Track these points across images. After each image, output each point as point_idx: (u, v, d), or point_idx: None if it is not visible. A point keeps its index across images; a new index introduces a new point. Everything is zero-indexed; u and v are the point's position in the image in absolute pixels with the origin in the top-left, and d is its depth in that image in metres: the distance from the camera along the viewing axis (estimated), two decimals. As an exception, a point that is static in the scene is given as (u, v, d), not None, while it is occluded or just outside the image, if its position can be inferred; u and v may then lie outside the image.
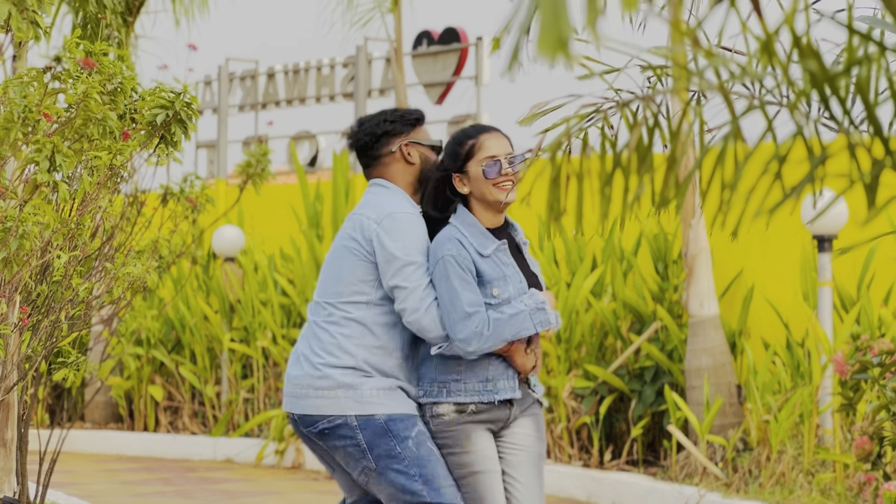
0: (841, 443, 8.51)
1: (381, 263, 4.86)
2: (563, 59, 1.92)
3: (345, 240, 4.97)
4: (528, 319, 4.87)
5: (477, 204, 4.96)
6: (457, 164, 4.95)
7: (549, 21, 1.90)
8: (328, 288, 4.97)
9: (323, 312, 4.96)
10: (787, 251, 10.06)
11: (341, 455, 4.92)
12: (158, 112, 5.52)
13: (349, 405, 4.86)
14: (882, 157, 2.37)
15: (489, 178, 4.90)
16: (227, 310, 12.41)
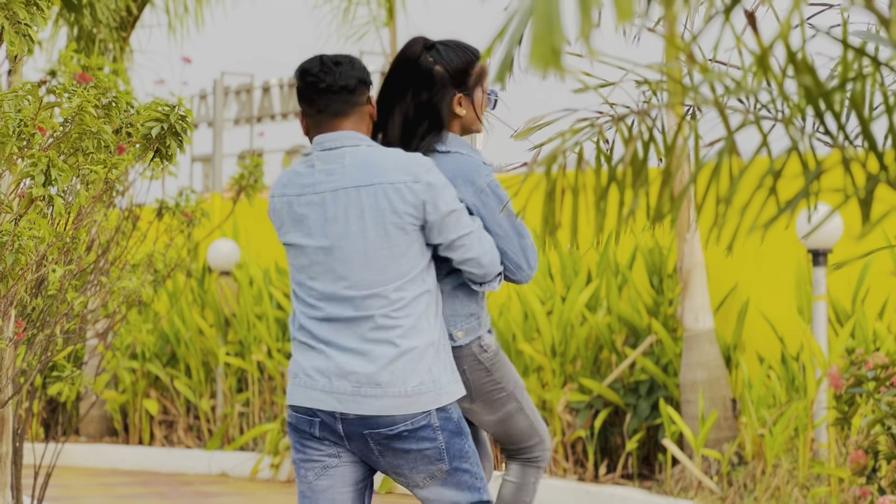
0: (836, 457, 8.51)
1: (436, 223, 4.35)
2: (555, 71, 1.92)
3: (384, 217, 4.35)
4: None
5: (456, 132, 4.59)
6: (466, 84, 4.55)
7: (541, 32, 1.90)
8: (385, 273, 4.37)
9: (379, 301, 4.36)
10: (781, 265, 10.06)
11: (409, 459, 4.41)
12: (153, 125, 5.52)
13: (430, 399, 4.36)
14: (877, 172, 2.38)
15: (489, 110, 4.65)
16: (223, 323, 12.41)
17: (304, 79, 4.48)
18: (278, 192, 4.52)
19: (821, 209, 8.23)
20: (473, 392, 4.60)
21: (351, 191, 4.38)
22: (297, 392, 4.46)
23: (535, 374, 10.34)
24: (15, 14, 4.37)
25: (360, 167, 4.39)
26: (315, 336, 4.44)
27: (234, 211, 11.46)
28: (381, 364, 4.34)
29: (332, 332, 4.40)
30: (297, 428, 4.48)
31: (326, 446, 4.44)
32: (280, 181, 4.54)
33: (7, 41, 4.33)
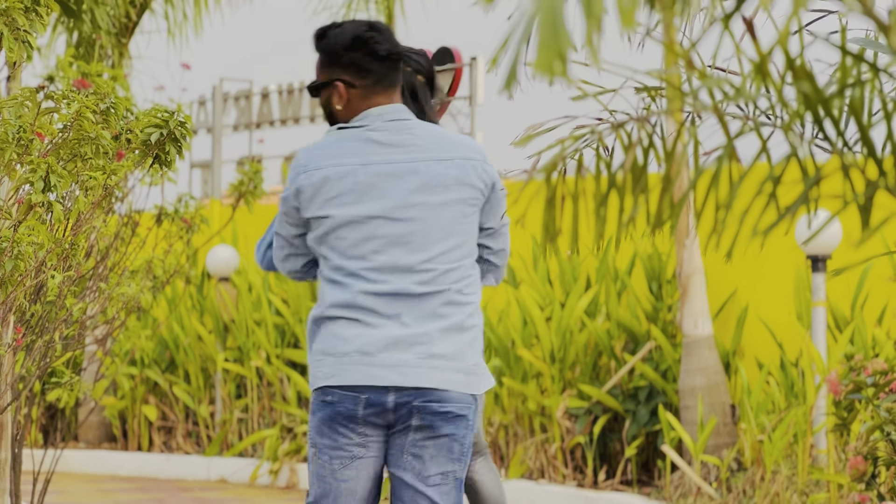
0: (835, 463, 8.51)
1: (495, 206, 4.35)
2: (561, 77, 1.92)
3: (464, 192, 4.29)
4: None
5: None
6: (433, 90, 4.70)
7: (547, 38, 1.91)
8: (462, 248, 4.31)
9: (454, 276, 4.30)
10: (781, 271, 10.06)
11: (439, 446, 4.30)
12: (152, 131, 5.52)
13: (477, 383, 4.33)
14: (876, 178, 2.38)
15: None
16: (222, 330, 12.41)
17: (359, 46, 4.32)
18: (328, 162, 4.30)
19: (820, 215, 8.23)
20: None
21: (432, 163, 4.29)
22: (348, 370, 4.26)
23: (534, 380, 10.34)
24: (14, 20, 4.37)
25: (435, 140, 4.33)
26: (373, 311, 4.26)
27: (233, 217, 11.46)
28: (450, 339, 4.26)
29: (397, 306, 4.26)
30: (335, 410, 4.27)
31: (358, 435, 4.28)
32: (319, 154, 4.33)
33: (6, 48, 4.33)
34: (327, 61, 4.39)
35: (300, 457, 11.35)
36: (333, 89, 4.38)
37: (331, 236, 4.30)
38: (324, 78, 4.41)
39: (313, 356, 4.33)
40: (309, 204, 4.30)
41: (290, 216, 4.37)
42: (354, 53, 4.33)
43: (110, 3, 9.36)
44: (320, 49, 4.44)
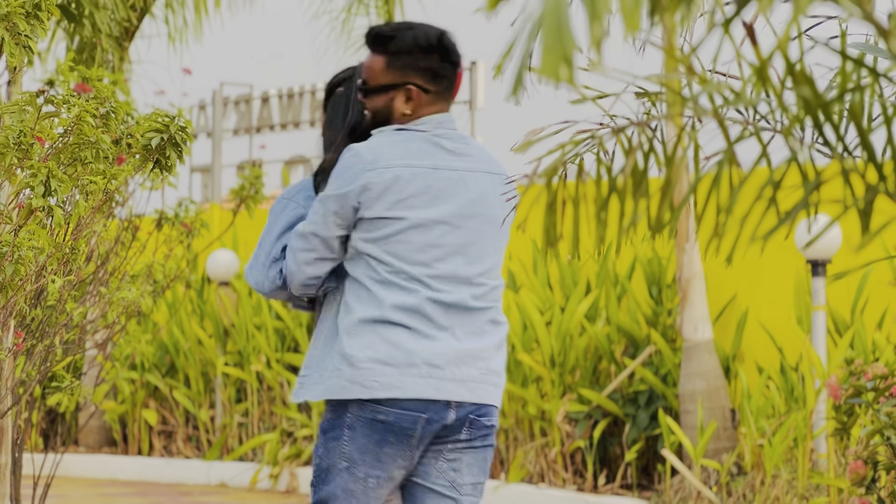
0: (835, 467, 8.51)
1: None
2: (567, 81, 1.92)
3: (501, 208, 4.23)
4: None
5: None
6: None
7: (552, 42, 1.91)
8: (500, 266, 4.27)
9: (497, 293, 4.26)
10: (781, 275, 10.07)
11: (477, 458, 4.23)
12: (153, 135, 5.53)
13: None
14: (876, 183, 2.39)
15: None
16: (222, 334, 12.41)
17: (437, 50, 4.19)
18: (398, 162, 4.12)
19: (820, 219, 8.24)
20: None
21: (485, 175, 4.21)
22: (417, 383, 4.08)
23: (534, 385, 10.35)
24: (15, 25, 4.37)
25: (484, 153, 4.27)
26: (432, 321, 4.11)
27: (233, 222, 11.46)
28: (500, 356, 4.22)
29: (454, 318, 4.14)
30: (388, 429, 4.08)
31: (406, 458, 4.12)
32: (386, 152, 4.13)
33: (7, 53, 4.34)
34: (400, 63, 4.18)
35: (300, 461, 11.35)
36: (403, 92, 4.19)
37: (394, 239, 4.12)
38: (393, 79, 4.18)
39: (355, 363, 4.08)
40: (375, 202, 4.10)
41: (343, 215, 4.12)
42: (432, 58, 4.18)
43: (111, 8, 9.37)
44: (391, 50, 4.20)
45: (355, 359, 4.06)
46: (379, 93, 4.18)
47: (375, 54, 4.20)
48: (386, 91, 4.17)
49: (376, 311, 4.09)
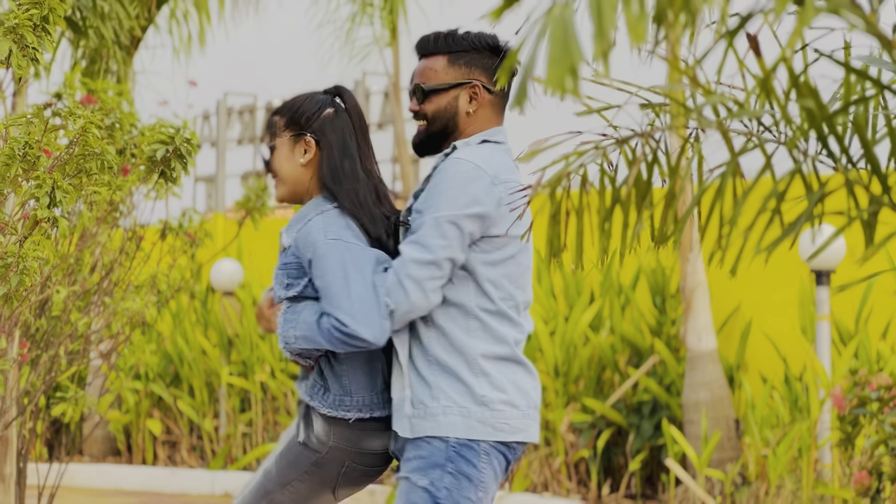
0: (840, 477, 8.50)
1: None
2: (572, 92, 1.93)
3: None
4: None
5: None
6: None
7: (558, 53, 1.91)
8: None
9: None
10: (785, 285, 10.06)
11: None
12: (158, 147, 5.54)
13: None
14: (880, 195, 2.39)
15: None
16: (226, 344, 12.41)
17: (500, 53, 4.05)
18: (508, 176, 3.93)
19: (824, 230, 8.24)
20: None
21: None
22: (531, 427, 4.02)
23: (538, 395, 10.34)
24: (23, 38, 4.38)
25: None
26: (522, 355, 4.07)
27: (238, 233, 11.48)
28: None
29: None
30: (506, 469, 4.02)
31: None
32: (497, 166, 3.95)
33: (15, 65, 4.35)
34: (463, 60, 4.04)
35: (304, 471, 11.34)
36: (468, 90, 4.03)
37: (512, 261, 3.97)
38: (457, 76, 4.02)
39: (487, 403, 3.93)
40: (501, 220, 3.90)
41: (474, 235, 3.90)
42: (493, 58, 4.06)
43: (115, 19, 9.39)
44: (453, 48, 4.05)
45: (488, 399, 3.93)
46: (440, 93, 4.03)
47: (432, 56, 4.06)
48: (448, 90, 4.03)
49: (500, 347, 3.97)
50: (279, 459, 4.15)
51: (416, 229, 3.91)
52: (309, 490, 4.10)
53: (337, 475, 4.07)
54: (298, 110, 4.12)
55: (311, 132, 4.09)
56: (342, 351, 3.95)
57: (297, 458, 4.11)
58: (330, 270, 3.92)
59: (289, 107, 4.15)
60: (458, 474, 3.91)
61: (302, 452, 4.11)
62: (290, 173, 4.12)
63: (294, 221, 4.06)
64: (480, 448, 3.93)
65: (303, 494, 4.11)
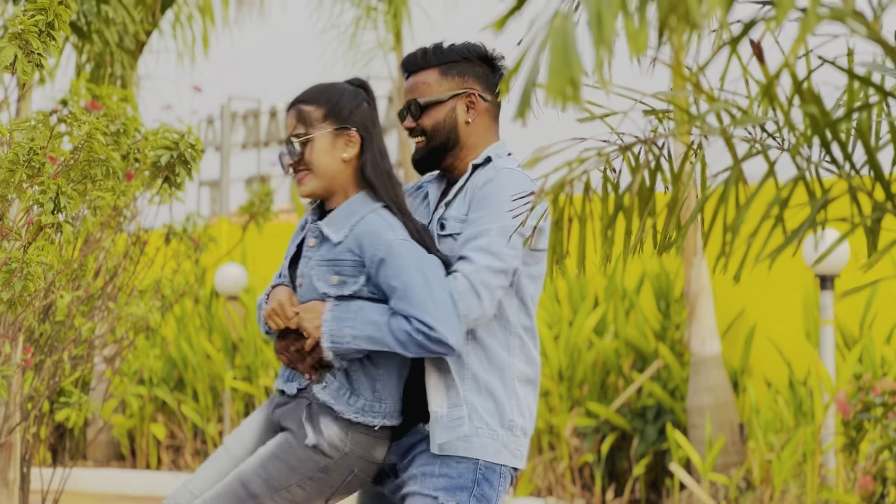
0: (844, 482, 8.50)
1: None
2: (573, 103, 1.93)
3: None
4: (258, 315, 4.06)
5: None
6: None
7: (558, 64, 1.92)
8: None
9: None
10: (789, 290, 10.06)
11: None
12: (163, 153, 5.54)
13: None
14: (883, 201, 2.39)
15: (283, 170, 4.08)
16: (230, 348, 12.41)
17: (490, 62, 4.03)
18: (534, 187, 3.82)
19: (828, 234, 8.23)
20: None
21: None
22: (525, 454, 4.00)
23: (542, 399, 10.34)
24: (28, 43, 4.39)
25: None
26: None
27: (242, 238, 11.49)
28: None
29: None
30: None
31: None
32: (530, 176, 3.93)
33: (20, 70, 4.35)
34: (456, 70, 4.01)
35: (308, 475, 11.33)
36: (464, 99, 3.99)
37: (542, 278, 3.96)
38: (451, 87, 3.98)
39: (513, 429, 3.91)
40: (545, 233, 3.88)
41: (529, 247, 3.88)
42: (486, 67, 4.03)
43: (119, 24, 9.39)
44: (443, 59, 4.02)
45: (513, 424, 3.91)
46: (437, 105, 3.98)
47: (423, 71, 4.02)
48: (445, 102, 3.98)
49: (530, 369, 3.95)
50: (269, 461, 3.87)
51: (475, 237, 3.83)
52: (305, 497, 3.89)
53: (341, 483, 3.90)
54: (339, 102, 3.95)
55: (354, 126, 3.93)
56: (415, 356, 3.82)
57: (302, 462, 3.87)
58: (407, 272, 3.78)
59: (325, 97, 3.96)
60: (481, 497, 3.87)
61: (309, 457, 3.87)
62: (328, 167, 3.93)
63: (342, 217, 3.90)
64: (500, 471, 3.90)
65: (296, 501, 3.88)
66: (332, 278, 3.88)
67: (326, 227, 3.91)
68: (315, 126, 3.94)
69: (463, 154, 4.01)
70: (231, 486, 3.86)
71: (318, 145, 3.93)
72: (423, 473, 3.88)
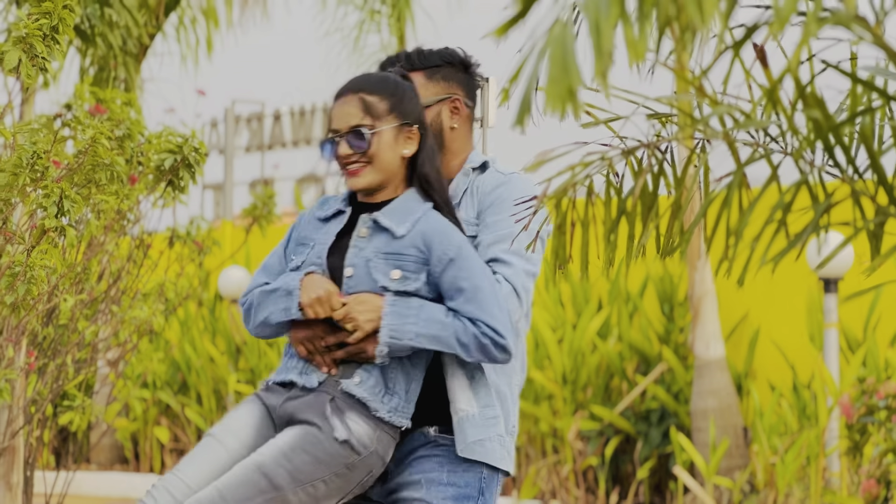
0: (848, 486, 8.49)
1: None
2: (571, 112, 1.93)
3: None
4: (278, 301, 3.88)
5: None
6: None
7: (557, 73, 1.92)
8: None
9: None
10: (793, 293, 10.05)
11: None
12: (166, 156, 5.54)
13: None
14: (886, 205, 2.39)
15: (328, 161, 3.89)
16: (233, 351, 12.41)
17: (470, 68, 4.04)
18: None
19: (832, 237, 8.23)
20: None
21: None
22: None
23: (546, 402, 10.34)
24: (33, 47, 4.39)
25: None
26: None
27: (246, 241, 11.49)
28: None
29: None
30: None
31: None
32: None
33: (24, 74, 4.35)
34: (440, 75, 3.98)
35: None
36: (448, 104, 3.95)
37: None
38: (437, 91, 3.93)
39: (513, 434, 3.91)
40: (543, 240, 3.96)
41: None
42: (466, 73, 4.03)
43: (123, 27, 9.40)
44: (427, 64, 4.00)
45: (513, 430, 3.91)
46: (425, 109, 3.94)
47: (409, 73, 3.96)
48: (431, 106, 3.93)
49: (524, 375, 3.96)
50: (294, 454, 3.70)
51: (502, 240, 3.82)
52: (326, 493, 3.74)
53: (357, 482, 3.78)
54: (403, 97, 3.84)
55: (416, 123, 3.83)
56: (472, 360, 3.77)
57: (331, 456, 3.71)
58: (477, 275, 3.74)
59: (389, 90, 3.84)
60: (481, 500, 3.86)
61: (338, 451, 3.72)
62: (390, 162, 3.80)
63: (401, 211, 3.81)
64: (499, 478, 3.88)
65: (316, 498, 3.73)
66: (394, 272, 3.77)
67: (385, 218, 3.80)
68: (382, 119, 3.79)
69: (446, 160, 3.96)
70: (250, 477, 3.66)
71: (384, 139, 3.80)
72: (428, 480, 3.83)
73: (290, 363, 3.87)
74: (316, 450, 3.71)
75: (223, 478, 3.69)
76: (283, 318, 3.84)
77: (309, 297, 3.77)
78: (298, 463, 3.69)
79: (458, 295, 3.74)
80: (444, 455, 3.86)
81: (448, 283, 3.76)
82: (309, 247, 3.86)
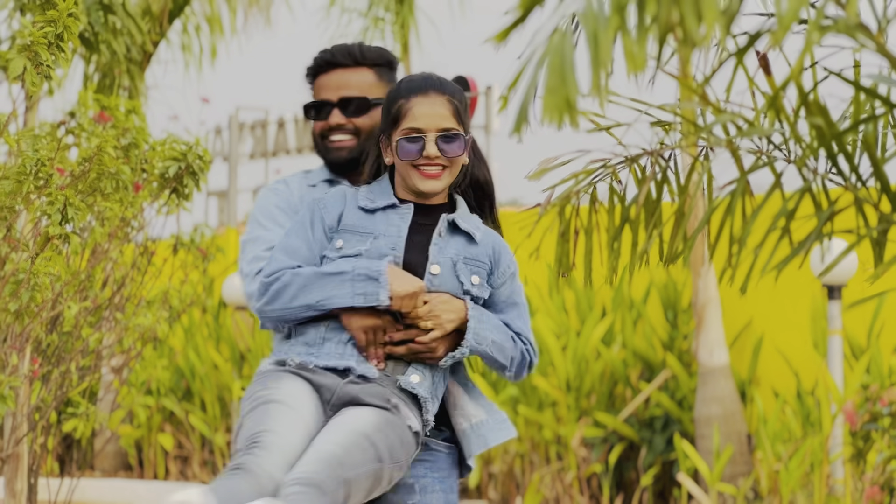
0: (852, 493, 8.48)
1: None
2: (569, 122, 1.94)
3: None
4: (347, 285, 3.65)
5: (399, 178, 3.80)
6: (384, 125, 3.78)
7: (555, 83, 1.92)
8: None
9: None
10: (796, 300, 10.05)
11: None
12: (171, 164, 5.54)
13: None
14: (889, 213, 2.39)
15: (404, 159, 3.71)
16: (238, 358, 12.41)
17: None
18: None
19: (836, 244, 8.23)
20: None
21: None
22: None
23: (550, 409, 10.33)
24: (37, 55, 4.39)
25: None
26: None
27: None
28: None
29: None
30: None
31: None
32: None
33: (29, 82, 4.36)
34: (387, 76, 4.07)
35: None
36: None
37: None
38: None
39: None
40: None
41: None
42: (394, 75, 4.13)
43: (127, 34, 9.41)
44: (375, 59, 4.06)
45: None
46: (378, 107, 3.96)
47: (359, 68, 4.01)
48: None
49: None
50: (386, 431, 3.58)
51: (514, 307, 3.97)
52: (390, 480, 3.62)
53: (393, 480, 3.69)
54: (466, 105, 3.78)
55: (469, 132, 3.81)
56: (508, 374, 3.80)
57: (407, 444, 3.63)
58: (522, 293, 3.85)
59: (462, 97, 3.78)
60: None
61: (411, 441, 3.65)
62: (459, 169, 3.78)
63: (468, 218, 3.78)
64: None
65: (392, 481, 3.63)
66: (474, 278, 3.74)
67: (464, 222, 3.76)
68: (462, 125, 3.73)
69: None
70: (359, 442, 3.50)
71: (460, 145, 3.74)
72: (422, 487, 3.84)
73: (345, 350, 3.69)
74: (399, 432, 3.61)
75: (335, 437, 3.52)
76: (359, 304, 3.63)
77: (404, 289, 3.64)
78: (391, 441, 3.59)
79: (512, 309, 3.78)
80: (434, 460, 3.86)
81: (505, 296, 3.78)
82: (369, 236, 3.71)
